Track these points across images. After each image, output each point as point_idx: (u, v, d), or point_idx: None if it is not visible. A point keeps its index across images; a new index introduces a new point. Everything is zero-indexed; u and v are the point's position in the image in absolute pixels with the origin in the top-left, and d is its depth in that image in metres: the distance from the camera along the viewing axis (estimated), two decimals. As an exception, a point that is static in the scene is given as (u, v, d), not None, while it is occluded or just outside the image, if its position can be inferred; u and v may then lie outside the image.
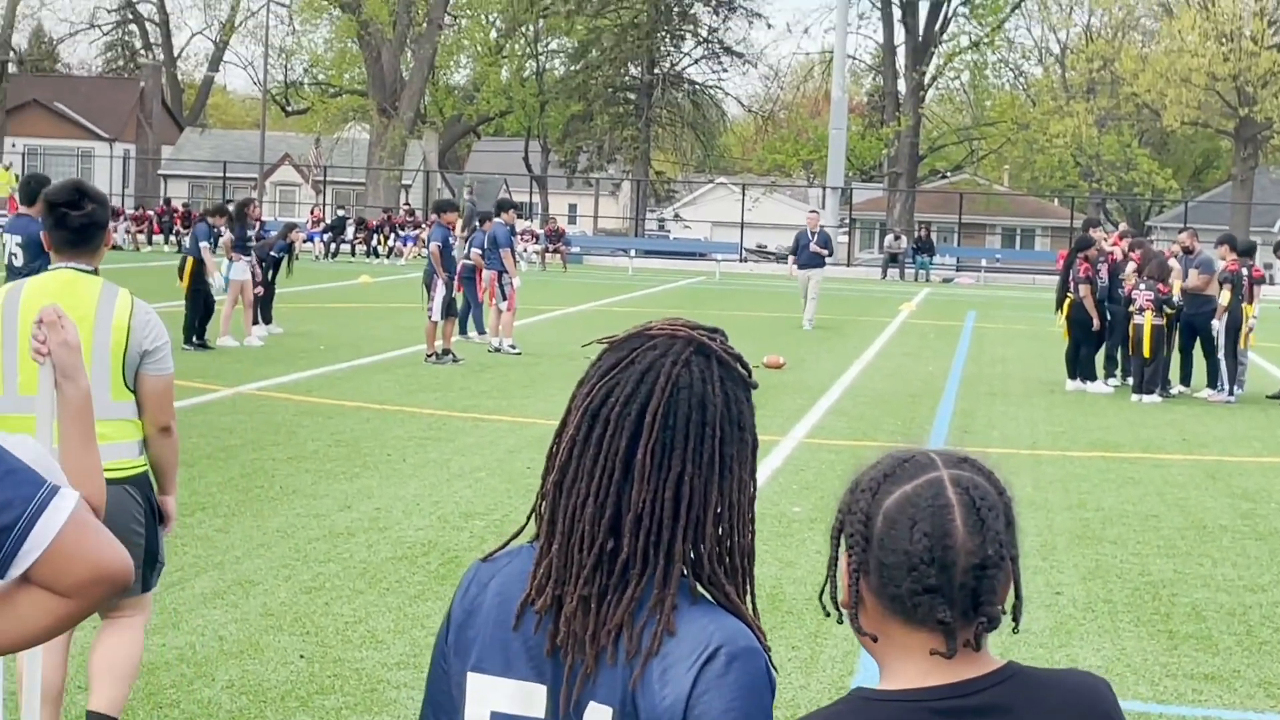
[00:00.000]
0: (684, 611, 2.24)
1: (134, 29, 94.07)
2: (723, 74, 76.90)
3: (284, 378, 18.97)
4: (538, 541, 2.35)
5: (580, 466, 2.29)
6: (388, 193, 63.73)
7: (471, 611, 2.37)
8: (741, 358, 2.37)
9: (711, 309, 34.36)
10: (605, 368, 2.33)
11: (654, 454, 2.26)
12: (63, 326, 3.50)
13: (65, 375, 3.49)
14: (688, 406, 2.27)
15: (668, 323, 2.37)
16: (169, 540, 10.13)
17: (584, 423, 2.30)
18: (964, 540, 2.14)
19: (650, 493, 2.25)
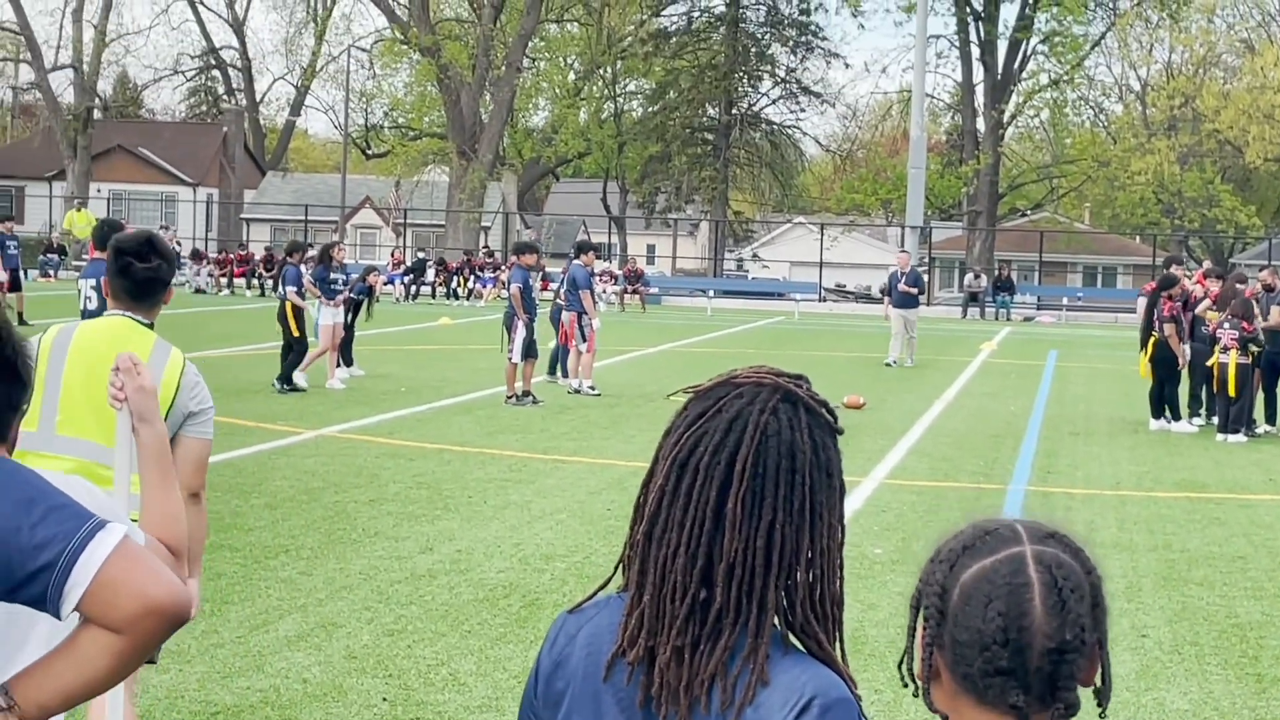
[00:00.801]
0: (777, 661, 2.23)
1: (217, 75, 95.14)
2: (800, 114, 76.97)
3: (366, 420, 19.07)
4: (625, 592, 2.35)
5: (670, 517, 2.28)
6: (467, 235, 64.06)
7: (560, 663, 2.37)
8: (828, 404, 2.37)
9: (790, 349, 34.30)
10: (692, 417, 2.32)
11: (744, 503, 2.25)
12: (139, 373, 3.53)
13: (142, 419, 3.53)
14: (777, 454, 2.26)
15: (753, 370, 2.37)
16: (253, 581, 10.23)
17: (672, 472, 2.29)
18: (1042, 622, 2.08)
19: (742, 542, 2.24)
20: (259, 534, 11.92)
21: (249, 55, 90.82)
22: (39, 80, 75.56)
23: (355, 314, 24.81)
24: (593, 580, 10.93)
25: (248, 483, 14.19)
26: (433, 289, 53.95)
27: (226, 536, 11.72)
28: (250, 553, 11.22)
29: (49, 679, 2.72)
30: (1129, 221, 71.90)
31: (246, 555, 11.12)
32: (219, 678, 8.17)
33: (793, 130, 76.27)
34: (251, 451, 16.16)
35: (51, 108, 75.30)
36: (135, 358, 3.61)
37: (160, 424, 3.55)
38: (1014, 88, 67.93)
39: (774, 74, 73.26)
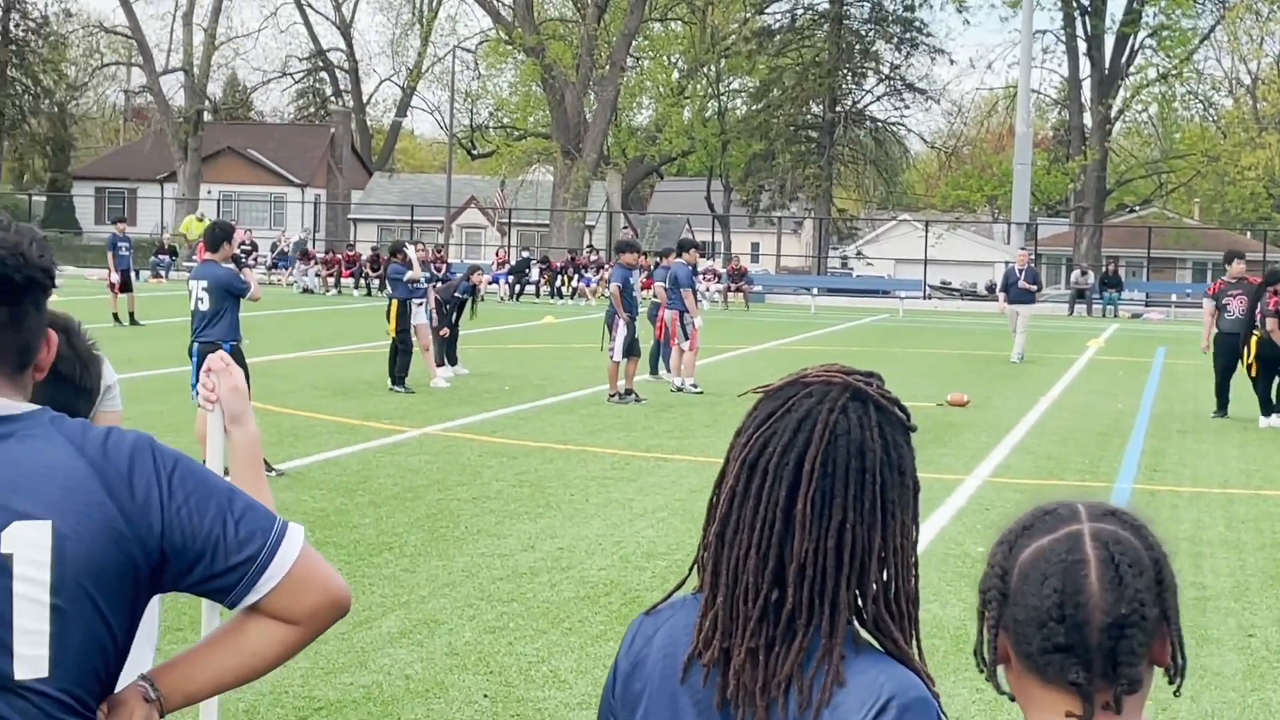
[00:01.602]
0: (852, 661, 2.22)
1: (324, 77, 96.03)
2: (905, 110, 76.72)
3: (469, 418, 19.19)
4: (701, 593, 2.35)
5: (740, 518, 2.28)
6: (571, 234, 64.26)
7: (637, 664, 2.37)
8: (899, 401, 2.35)
9: (895, 346, 34.15)
10: (761, 417, 2.32)
11: (814, 503, 2.24)
12: (230, 373, 3.58)
13: (234, 420, 3.57)
14: (846, 454, 2.25)
15: (823, 369, 2.36)
16: (356, 578, 10.34)
17: (742, 473, 2.29)
18: (1098, 598, 2.08)
19: (812, 542, 2.23)
20: (363, 531, 12.04)
21: (356, 57, 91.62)
22: (151, 84, 76.67)
23: (460, 313, 24.96)
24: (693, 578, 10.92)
25: (352, 481, 14.33)
26: (537, 288, 54.16)
27: (331, 534, 11.85)
28: (354, 550, 11.33)
29: (202, 670, 2.79)
30: (1239, 217, 70.93)
31: (350, 552, 11.23)
32: (322, 673, 8.26)
33: (897, 127, 75.87)
34: (357, 450, 16.31)
35: (163, 110, 76.35)
36: (226, 357, 3.66)
37: (252, 424, 3.59)
38: (1121, 82, 67.20)
39: (878, 71, 72.87)
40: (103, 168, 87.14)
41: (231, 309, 14.51)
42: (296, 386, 21.75)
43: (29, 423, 2.68)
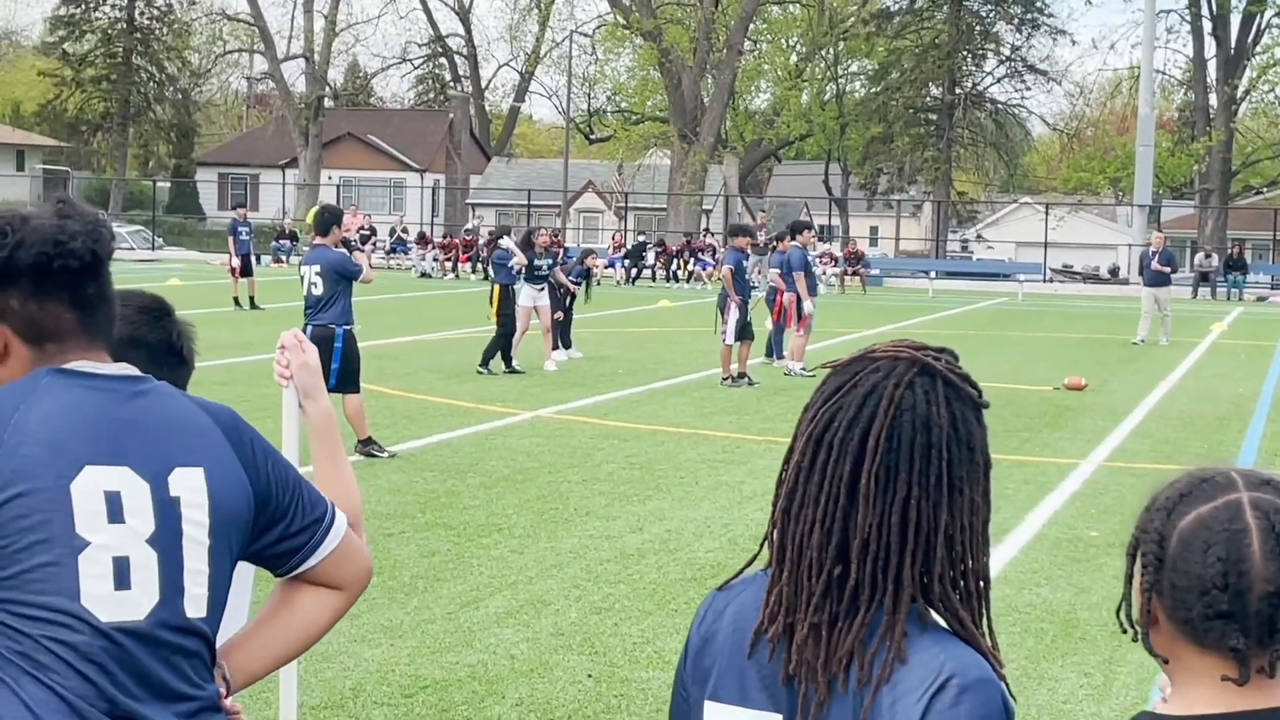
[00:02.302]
0: (915, 639, 2.19)
1: (443, 62, 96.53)
2: (1026, 92, 75.78)
3: (582, 401, 19.24)
4: (769, 568, 2.34)
5: (806, 493, 2.27)
6: (688, 218, 64.21)
7: (708, 639, 2.36)
8: (970, 377, 2.31)
9: (1013, 330, 33.85)
10: (828, 392, 2.31)
11: (878, 478, 2.22)
12: (304, 349, 3.61)
13: (307, 396, 3.60)
14: (911, 428, 2.22)
15: (892, 344, 2.34)
16: (465, 559, 10.41)
17: (808, 448, 2.28)
18: (1260, 566, 2.08)
19: (876, 517, 2.21)
20: (473, 513, 12.11)
21: (474, 43, 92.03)
22: (272, 70, 77.51)
23: (574, 297, 25.02)
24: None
25: (464, 463, 14.42)
26: (653, 272, 54.17)
27: (441, 515, 11.94)
28: (464, 531, 11.40)
29: (262, 647, 2.92)
30: (1370, 198, 69.54)
31: (460, 534, 11.31)
32: (429, 652, 8.32)
33: (1018, 109, 75.11)
34: (469, 432, 16.41)
35: (284, 97, 77.16)
36: (299, 334, 3.69)
37: (325, 399, 3.62)
38: (1247, 62, 66.12)
39: (999, 52, 72.16)
40: (225, 154, 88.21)
41: (344, 293, 14.61)
42: (411, 369, 21.91)
43: (154, 383, 2.81)
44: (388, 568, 10.06)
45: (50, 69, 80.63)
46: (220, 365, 20.67)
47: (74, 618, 2.55)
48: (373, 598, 9.34)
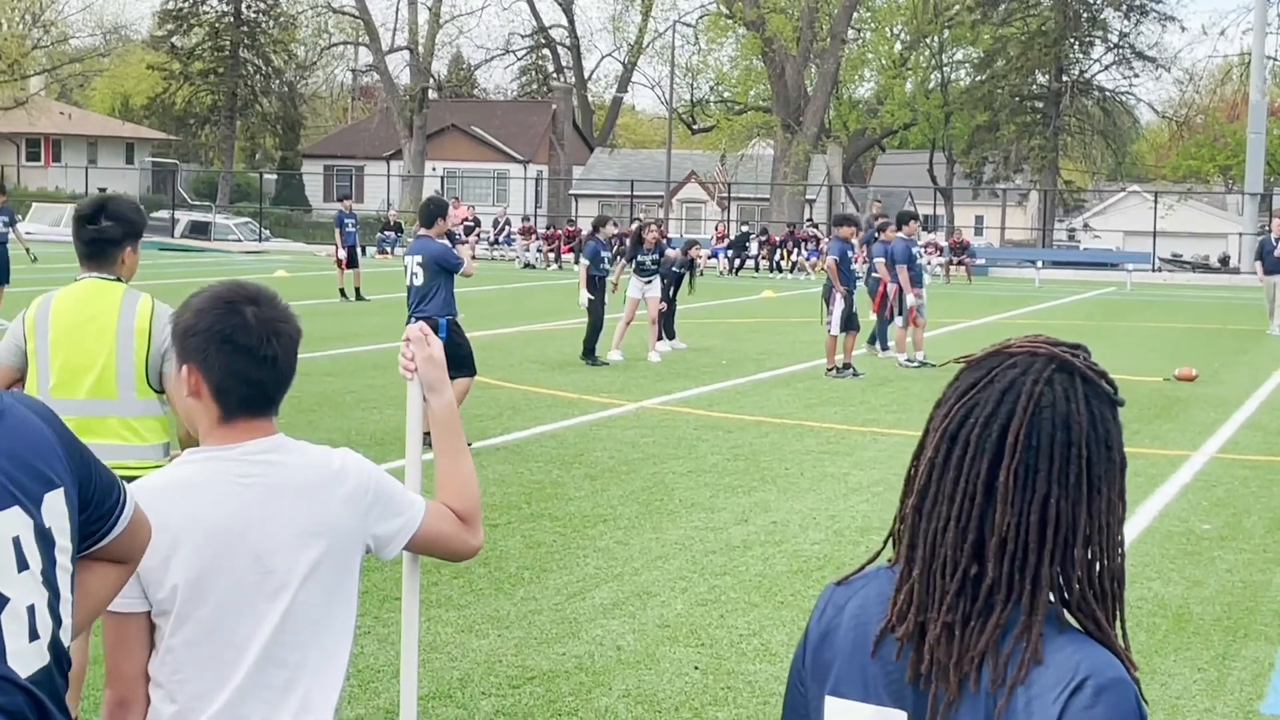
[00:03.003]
0: (1051, 639, 2.16)
1: (546, 53, 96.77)
2: (1134, 79, 75.00)
3: (686, 392, 19.22)
4: (895, 565, 2.30)
5: (940, 490, 2.23)
6: (791, 208, 64.00)
7: (828, 634, 2.33)
8: (1107, 374, 2.27)
9: (1121, 320, 33.47)
10: (963, 388, 2.26)
11: (1017, 476, 2.18)
12: (428, 343, 3.63)
13: (431, 389, 3.62)
14: (1051, 426, 2.18)
15: (1027, 340, 2.28)
16: (571, 550, 10.42)
17: (942, 445, 2.24)
18: None
19: (1014, 516, 2.17)
20: (579, 504, 12.12)
21: (577, 33, 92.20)
22: (377, 63, 78.04)
23: (678, 288, 25.00)
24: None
25: (569, 454, 14.44)
26: (756, 262, 54.05)
27: (547, 506, 11.96)
28: (570, 522, 11.42)
29: None
30: None
31: (566, 525, 11.32)
32: (535, 643, 8.33)
33: (1126, 96, 74.27)
34: (574, 423, 16.43)
35: (389, 89, 77.68)
36: (425, 328, 3.71)
37: (449, 393, 3.64)
38: (1362, 47, 65.00)
39: (1106, 39, 71.39)
40: (330, 146, 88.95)
41: (445, 284, 14.68)
42: (516, 361, 21.98)
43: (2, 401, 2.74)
44: (494, 558, 10.09)
45: (159, 63, 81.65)
46: (326, 356, 20.83)
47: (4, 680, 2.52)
48: (480, 588, 9.38)
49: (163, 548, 3.19)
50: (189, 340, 3.29)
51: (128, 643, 3.24)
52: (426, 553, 3.55)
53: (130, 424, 6.21)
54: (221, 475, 3.27)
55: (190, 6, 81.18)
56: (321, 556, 3.29)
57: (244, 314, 3.29)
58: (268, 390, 3.32)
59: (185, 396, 3.32)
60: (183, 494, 3.26)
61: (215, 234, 62.36)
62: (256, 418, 3.32)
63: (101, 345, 6.15)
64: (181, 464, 3.34)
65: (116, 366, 6.14)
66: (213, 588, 3.22)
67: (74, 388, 6.14)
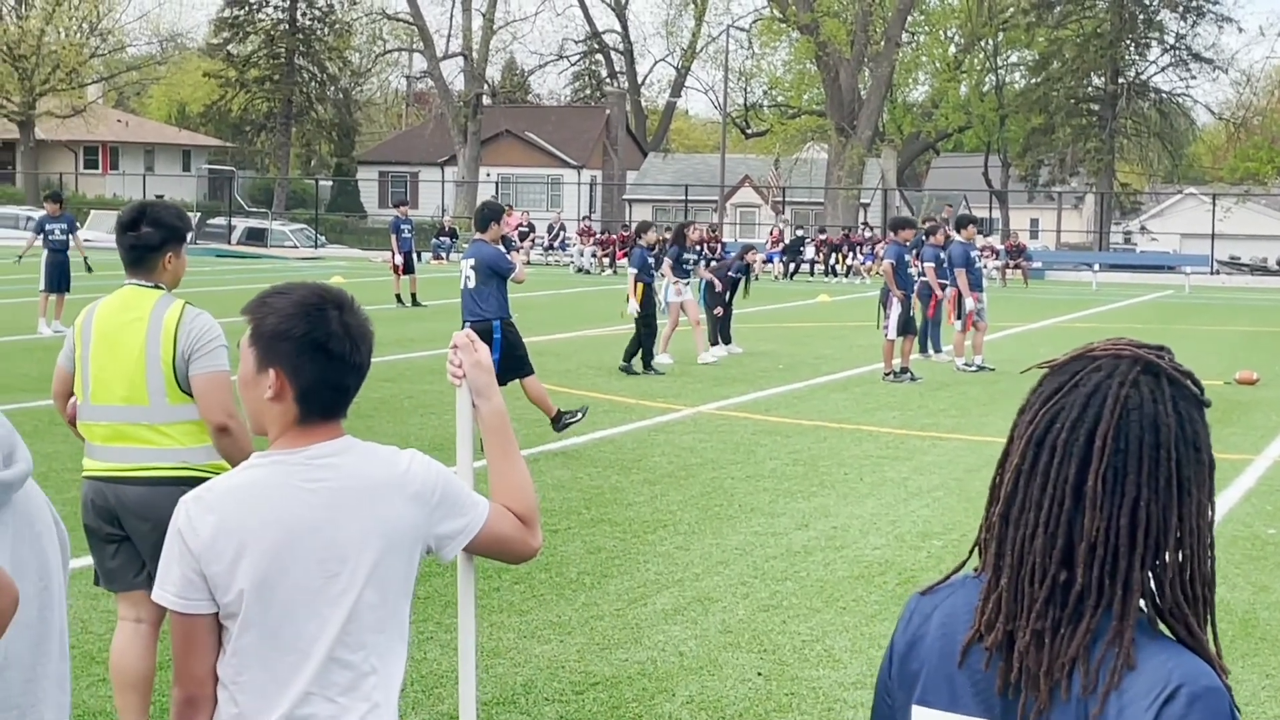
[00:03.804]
0: (1142, 646, 2.13)
1: (600, 59, 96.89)
2: (1191, 81, 74.53)
3: (743, 397, 19.19)
4: (981, 574, 2.28)
5: (1028, 496, 2.20)
6: (846, 211, 63.89)
7: (914, 643, 2.31)
8: (1193, 375, 2.23)
9: (1180, 323, 33.24)
10: (1047, 393, 2.24)
11: (1106, 480, 2.15)
12: (475, 349, 3.64)
13: (480, 394, 3.64)
14: (1139, 428, 2.15)
15: (1110, 343, 2.26)
16: (631, 555, 10.41)
17: (1029, 451, 2.21)
18: None
19: (1104, 520, 2.14)
20: (638, 509, 12.11)
21: (631, 38, 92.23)
22: (431, 69, 78.35)
23: (733, 292, 24.97)
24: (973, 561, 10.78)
25: (627, 459, 14.43)
26: (811, 266, 53.94)
27: (606, 511, 11.95)
28: (629, 527, 11.40)
29: None
30: None
31: (626, 530, 11.31)
32: (598, 649, 8.32)
33: (1183, 98, 73.80)
34: (631, 428, 16.42)
35: (443, 95, 77.94)
36: (472, 334, 3.74)
37: (498, 397, 3.66)
38: None
39: (1162, 41, 70.97)
40: (385, 152, 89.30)
41: (499, 287, 14.71)
42: (572, 366, 21.99)
43: None
44: (555, 564, 10.09)
45: (215, 70, 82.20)
46: (383, 362, 20.88)
47: None
48: (541, 594, 9.38)
49: (229, 552, 3.21)
50: (278, 345, 3.30)
51: (195, 643, 3.26)
52: (488, 554, 3.56)
53: (163, 429, 6.23)
54: (288, 479, 3.29)
55: (246, 14, 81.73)
56: (383, 556, 3.31)
57: (332, 321, 3.32)
58: (349, 395, 3.37)
59: (264, 399, 3.32)
60: (249, 498, 3.27)
61: (271, 240, 62.67)
62: (330, 420, 3.35)
63: (132, 351, 6.20)
64: (248, 467, 3.35)
65: (146, 373, 6.18)
66: (278, 592, 3.24)
67: (109, 394, 6.22)
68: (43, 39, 78.06)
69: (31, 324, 24.45)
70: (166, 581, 3.26)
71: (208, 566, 3.21)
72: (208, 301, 6.63)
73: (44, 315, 24.78)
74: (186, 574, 3.23)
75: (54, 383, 6.58)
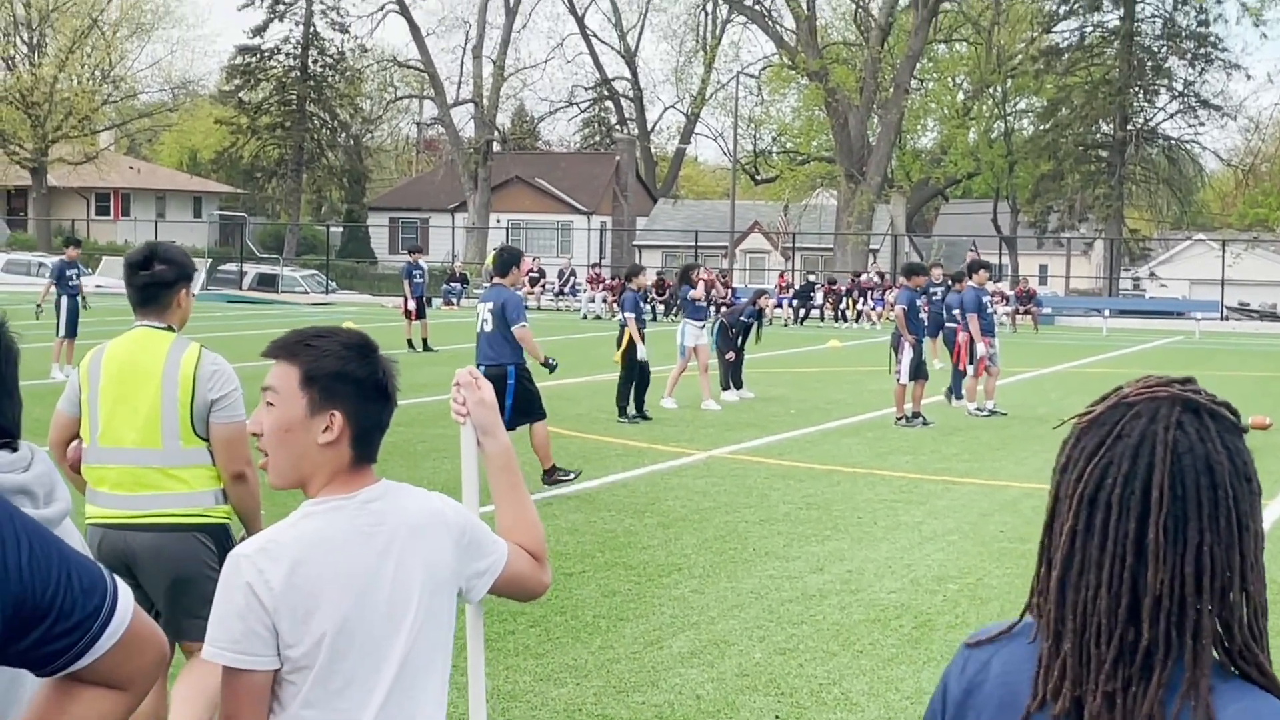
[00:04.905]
0: (1220, 693, 2.07)
1: (609, 105, 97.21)
2: (1200, 128, 74.54)
3: (756, 441, 19.19)
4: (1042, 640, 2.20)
5: (1086, 557, 2.14)
6: (855, 257, 63.96)
7: (971, 690, 2.26)
8: (1228, 404, 2.20)
9: (1190, 369, 33.01)
10: (1091, 448, 2.17)
11: (1167, 530, 2.09)
12: (479, 387, 3.65)
13: (485, 432, 3.63)
14: (1194, 472, 2.10)
15: (1140, 384, 2.21)
16: (646, 599, 10.40)
17: (1082, 510, 2.15)
18: None
19: (1168, 572, 2.09)
20: (652, 552, 12.10)
21: (640, 85, 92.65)
22: (442, 115, 78.62)
23: (745, 337, 25.00)
24: (985, 602, 10.82)
25: (641, 502, 14.43)
26: (821, 312, 54.00)
27: (621, 554, 11.94)
28: (644, 571, 11.40)
29: None
30: None
31: (640, 573, 11.30)
32: (614, 692, 8.31)
33: (1191, 145, 73.91)
34: (644, 472, 16.42)
35: (454, 142, 78.20)
36: (475, 372, 3.75)
37: (503, 435, 3.66)
38: None
39: (1171, 88, 71.11)
40: (396, 198, 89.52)
41: (507, 332, 14.75)
42: (584, 410, 22.01)
43: None
44: (570, 607, 10.09)
45: (227, 117, 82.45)
46: (397, 406, 20.87)
47: None
48: (556, 636, 9.37)
49: (304, 604, 3.15)
50: (340, 386, 3.30)
51: (251, 701, 3.16)
52: (505, 593, 3.56)
53: (175, 473, 6.20)
54: (350, 526, 3.26)
55: (258, 61, 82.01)
56: (433, 599, 3.31)
57: (382, 362, 3.35)
58: (384, 436, 3.39)
59: (317, 443, 3.29)
60: (318, 548, 3.21)
61: (282, 286, 62.81)
62: (372, 463, 3.36)
63: (146, 394, 6.17)
64: (307, 516, 3.28)
65: (161, 415, 6.14)
66: (354, 640, 3.20)
67: (121, 437, 6.18)
68: (56, 86, 78.39)
69: (43, 369, 24.49)
70: (223, 639, 3.14)
71: (281, 620, 3.14)
72: (219, 346, 6.64)
73: (57, 360, 24.85)
74: (253, 628, 3.13)
75: (52, 430, 6.52)
